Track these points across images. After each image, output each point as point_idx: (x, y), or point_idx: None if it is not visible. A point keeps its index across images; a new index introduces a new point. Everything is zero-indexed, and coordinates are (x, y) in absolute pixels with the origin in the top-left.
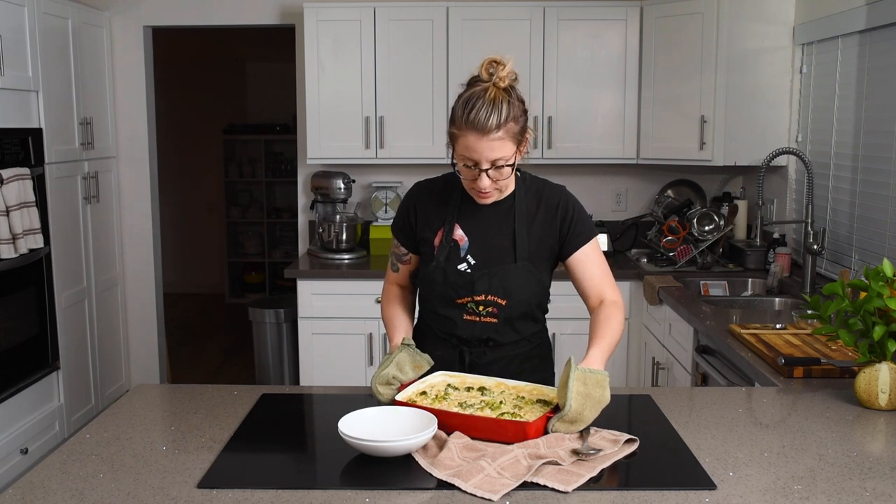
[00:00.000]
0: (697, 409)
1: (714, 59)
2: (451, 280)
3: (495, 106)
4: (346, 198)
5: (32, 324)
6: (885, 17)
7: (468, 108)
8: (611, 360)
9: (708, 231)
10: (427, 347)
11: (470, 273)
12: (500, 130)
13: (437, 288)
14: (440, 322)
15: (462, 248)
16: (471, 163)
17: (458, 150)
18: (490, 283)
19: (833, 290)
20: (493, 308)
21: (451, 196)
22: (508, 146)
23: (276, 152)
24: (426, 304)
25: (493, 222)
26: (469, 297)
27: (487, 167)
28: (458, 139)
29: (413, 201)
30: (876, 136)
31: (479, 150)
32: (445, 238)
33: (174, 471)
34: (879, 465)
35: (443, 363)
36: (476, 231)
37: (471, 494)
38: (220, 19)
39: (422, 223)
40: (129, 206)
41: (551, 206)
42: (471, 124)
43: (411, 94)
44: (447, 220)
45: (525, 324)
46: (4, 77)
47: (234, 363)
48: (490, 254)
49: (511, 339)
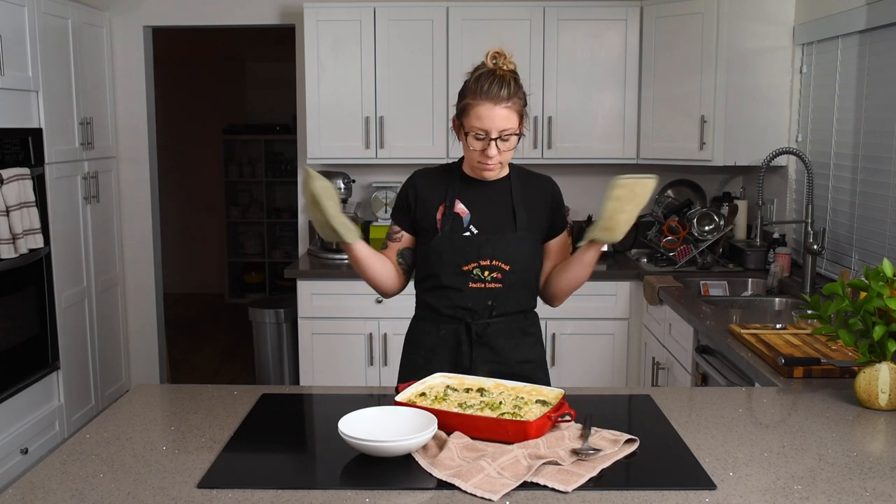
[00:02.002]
0: (697, 409)
1: (714, 58)
2: (458, 246)
3: (505, 80)
4: (346, 198)
5: (32, 324)
6: (885, 17)
7: (482, 81)
8: (611, 360)
9: (708, 231)
10: (429, 330)
11: (475, 238)
12: (509, 101)
13: (445, 256)
14: (445, 295)
15: (464, 219)
16: (482, 133)
17: (470, 122)
18: (494, 249)
19: (833, 290)
20: (497, 273)
21: (449, 178)
22: (514, 119)
23: (276, 152)
24: (430, 281)
25: (491, 197)
26: (475, 263)
27: (497, 136)
28: (471, 110)
29: (412, 184)
30: (876, 136)
31: (492, 118)
32: (447, 212)
33: (174, 471)
34: (879, 465)
35: (448, 340)
36: (476, 204)
37: (471, 494)
38: (220, 19)
39: (422, 204)
40: (129, 206)
41: (542, 190)
42: (484, 94)
43: (411, 94)
44: (448, 196)
45: (524, 295)
46: (4, 77)
47: (234, 363)
48: (491, 224)
49: (512, 308)
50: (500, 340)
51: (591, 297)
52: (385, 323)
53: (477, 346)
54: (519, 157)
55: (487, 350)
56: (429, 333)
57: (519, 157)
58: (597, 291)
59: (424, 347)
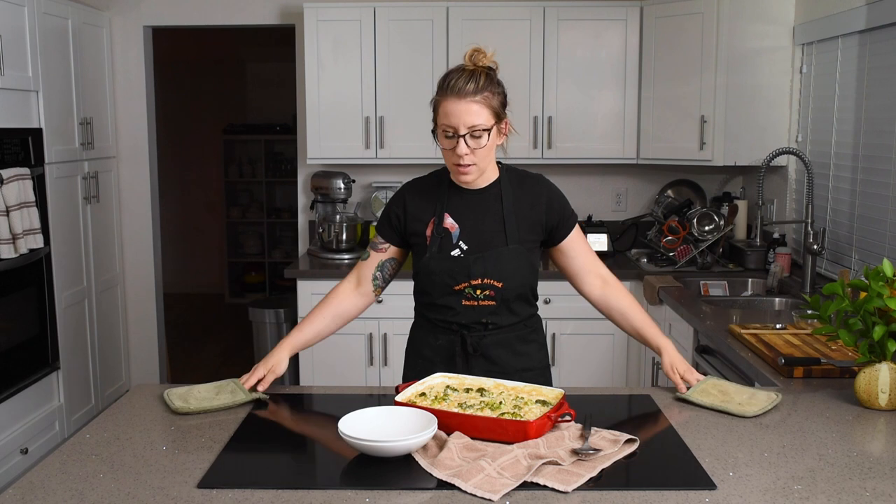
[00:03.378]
0: (697, 409)
1: (714, 59)
2: (447, 267)
3: (473, 75)
4: (346, 198)
5: (32, 324)
6: (885, 17)
7: (449, 77)
8: (611, 360)
9: (708, 231)
10: (426, 339)
11: (463, 258)
12: (477, 95)
13: (435, 277)
14: (439, 311)
15: (453, 235)
16: (450, 130)
17: (440, 120)
18: (485, 267)
19: (833, 290)
20: (490, 291)
21: (439, 189)
22: (486, 114)
23: (276, 152)
24: (424, 297)
25: (481, 209)
26: (466, 283)
27: (465, 132)
28: (440, 107)
29: (402, 198)
30: (876, 136)
31: (458, 113)
32: (436, 228)
33: (174, 471)
34: (879, 465)
35: (444, 350)
36: (465, 218)
37: (471, 494)
38: (220, 19)
39: (411, 217)
40: (129, 206)
41: (535, 193)
42: (450, 89)
43: (411, 95)
44: (437, 211)
45: (521, 306)
46: (4, 77)
47: (234, 363)
48: (481, 238)
49: (509, 321)
50: (497, 351)
51: None
52: (385, 323)
53: (474, 357)
54: (519, 157)
55: (484, 361)
56: (426, 343)
57: (519, 158)
58: None
59: (422, 356)
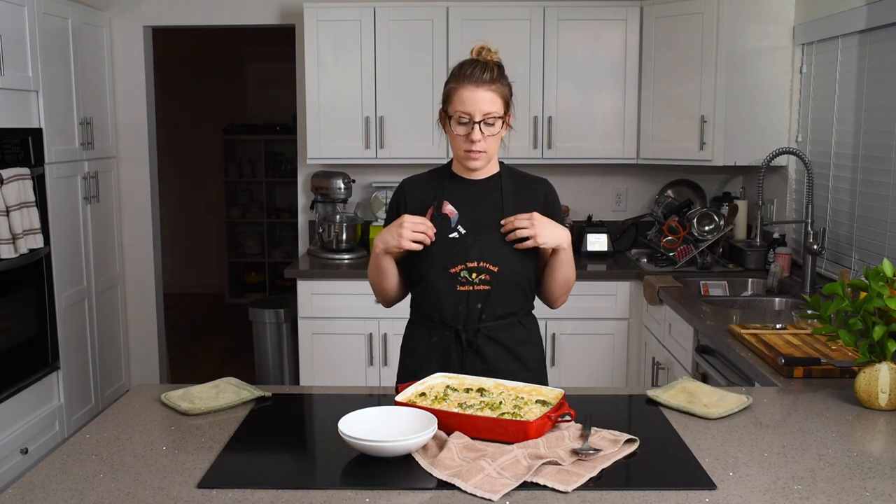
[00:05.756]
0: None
1: (714, 59)
2: (444, 248)
3: (488, 66)
4: (346, 198)
5: (32, 324)
6: (885, 17)
7: (465, 66)
8: (611, 360)
9: (708, 231)
10: (422, 336)
11: (461, 240)
12: (492, 85)
13: (432, 259)
14: (435, 299)
15: (452, 220)
16: (465, 117)
17: (454, 107)
18: (482, 250)
19: (833, 290)
20: (485, 275)
21: (438, 182)
22: (499, 103)
23: (276, 152)
24: (420, 285)
25: (480, 197)
26: (462, 265)
27: (480, 119)
28: (455, 94)
29: (401, 193)
30: (876, 136)
31: (474, 101)
32: (436, 213)
33: (174, 471)
34: (879, 465)
35: (439, 349)
36: (465, 205)
37: (471, 494)
38: (220, 19)
39: (411, 209)
40: (129, 206)
41: (536, 190)
42: (467, 78)
43: (411, 94)
44: (437, 198)
45: (516, 295)
46: (4, 77)
47: (234, 363)
48: (479, 224)
49: (503, 310)
50: (491, 348)
51: (591, 297)
52: (385, 323)
53: (468, 355)
54: (519, 157)
55: (479, 360)
56: (421, 340)
57: (519, 158)
58: (597, 291)
59: (416, 354)
